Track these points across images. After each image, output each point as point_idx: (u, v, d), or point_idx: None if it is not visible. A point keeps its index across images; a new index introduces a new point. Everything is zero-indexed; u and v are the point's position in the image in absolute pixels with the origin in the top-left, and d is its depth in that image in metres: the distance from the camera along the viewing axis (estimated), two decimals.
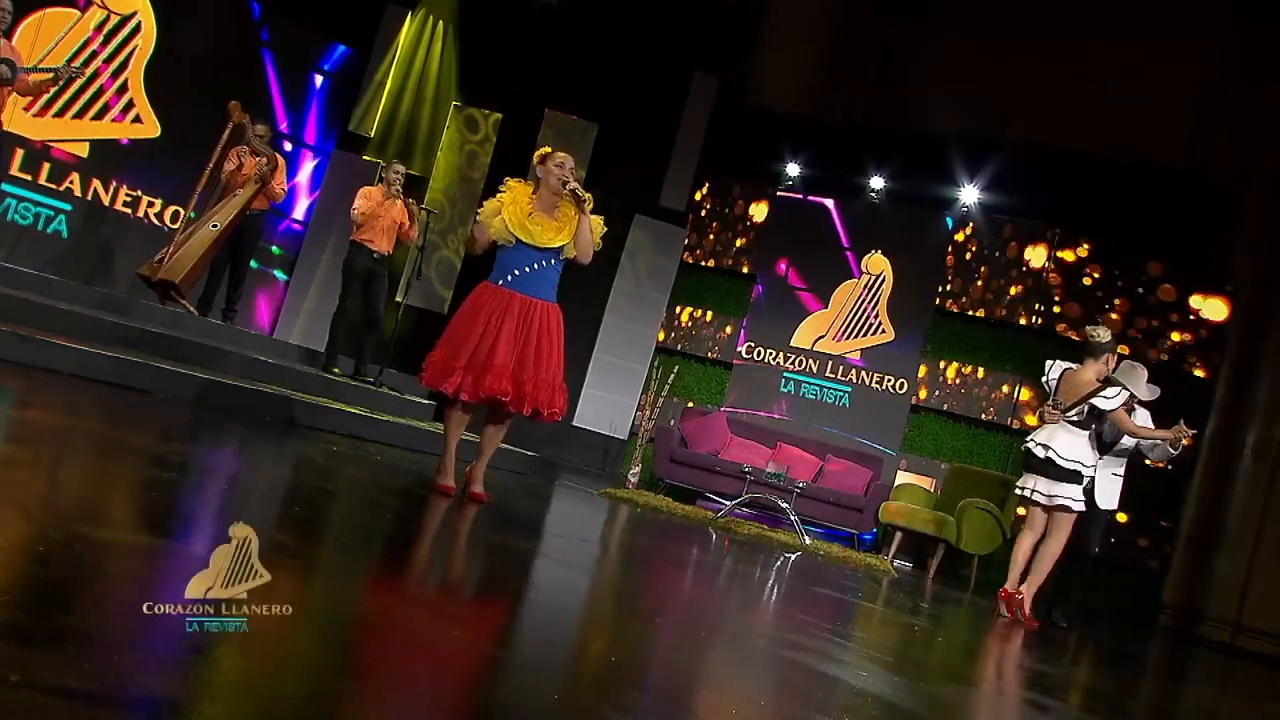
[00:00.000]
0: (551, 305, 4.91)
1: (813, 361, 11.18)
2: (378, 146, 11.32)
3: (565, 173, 4.88)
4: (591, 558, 4.93)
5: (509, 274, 4.84)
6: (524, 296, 4.82)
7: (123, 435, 4.24)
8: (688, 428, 10.74)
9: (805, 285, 11.43)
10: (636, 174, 11.53)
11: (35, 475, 2.91)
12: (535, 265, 4.84)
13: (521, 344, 4.78)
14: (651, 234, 11.62)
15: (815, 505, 9.69)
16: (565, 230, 4.87)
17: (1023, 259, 10.51)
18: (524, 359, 4.77)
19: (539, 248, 4.83)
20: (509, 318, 4.77)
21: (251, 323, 10.71)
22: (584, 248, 4.91)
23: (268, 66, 10.71)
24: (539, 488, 7.67)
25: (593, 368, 11.40)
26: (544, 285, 4.88)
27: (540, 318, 4.83)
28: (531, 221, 4.83)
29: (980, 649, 5.25)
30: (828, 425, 10.90)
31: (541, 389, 4.79)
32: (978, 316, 10.63)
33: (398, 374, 8.87)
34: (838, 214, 11.42)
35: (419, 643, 2.27)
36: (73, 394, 4.88)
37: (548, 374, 4.82)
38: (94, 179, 9.54)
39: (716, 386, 11.58)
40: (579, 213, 4.88)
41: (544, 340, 4.82)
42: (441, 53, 11.58)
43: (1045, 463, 6.29)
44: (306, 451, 5.45)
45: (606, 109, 11.46)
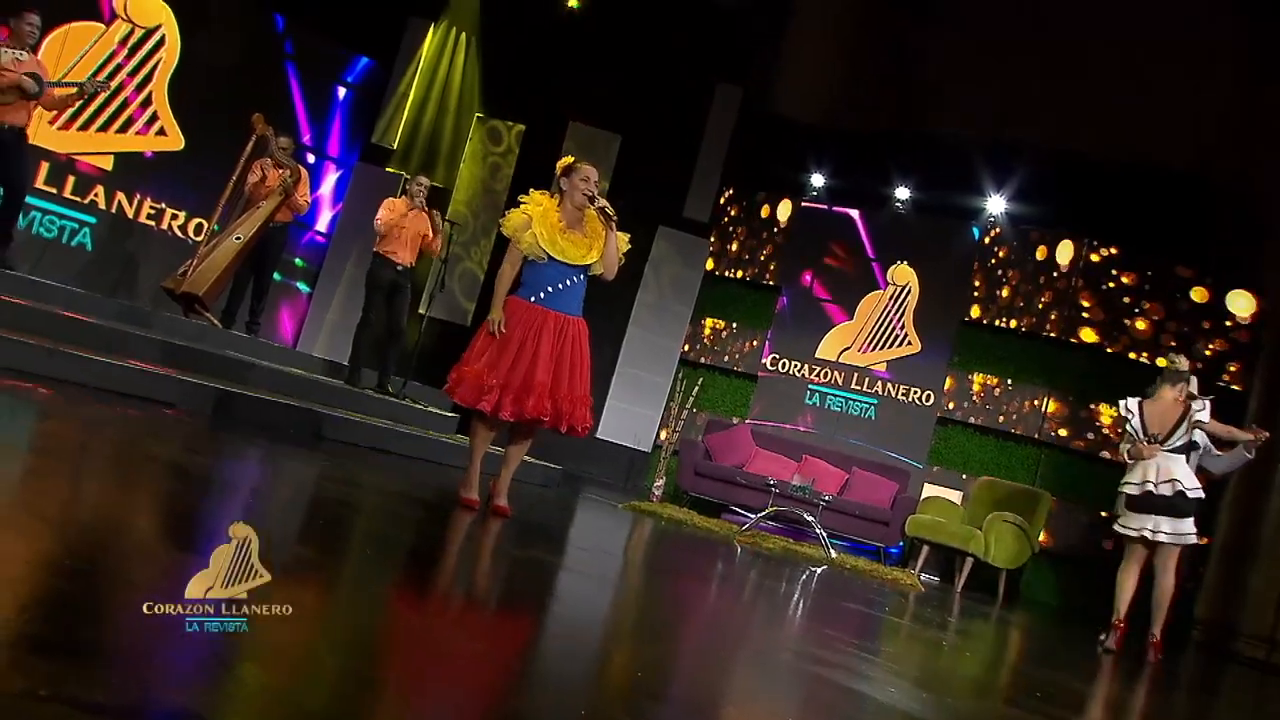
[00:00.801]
0: (581, 320, 4.94)
1: (838, 373, 11.14)
2: (401, 158, 11.36)
3: (590, 187, 4.88)
4: (615, 571, 4.93)
5: (541, 291, 4.84)
6: (557, 313, 4.84)
7: (146, 448, 4.27)
8: (712, 440, 10.71)
9: (830, 296, 11.39)
10: (660, 185, 11.51)
11: (60, 488, 2.93)
12: (566, 282, 4.86)
13: (557, 361, 4.80)
14: (675, 245, 11.61)
15: (841, 519, 9.63)
16: (595, 247, 4.89)
17: (1051, 268, 10.45)
18: (559, 377, 4.80)
19: (570, 264, 4.85)
20: (545, 336, 4.78)
21: (275, 335, 10.76)
22: (610, 264, 4.93)
23: (291, 79, 10.79)
24: (563, 501, 7.66)
25: (616, 380, 11.38)
26: (574, 301, 4.92)
27: (573, 334, 4.87)
28: (564, 238, 4.84)
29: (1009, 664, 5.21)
30: (853, 438, 10.84)
31: (578, 408, 4.84)
32: (1005, 327, 10.56)
33: (421, 386, 8.87)
34: (863, 224, 11.38)
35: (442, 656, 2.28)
36: (97, 407, 4.91)
37: (580, 391, 4.87)
38: (118, 192, 9.63)
39: (741, 399, 11.54)
40: (606, 229, 4.88)
41: (576, 356, 4.86)
42: (464, 64, 11.63)
43: (1173, 500, 6.14)
44: (330, 464, 5.46)
45: (629, 120, 11.47)
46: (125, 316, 7.18)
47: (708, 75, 11.46)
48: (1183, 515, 6.15)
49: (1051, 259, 10.48)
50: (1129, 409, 6.48)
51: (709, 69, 11.44)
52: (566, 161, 4.99)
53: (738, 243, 11.92)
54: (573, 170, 4.93)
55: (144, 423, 4.84)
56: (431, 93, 11.52)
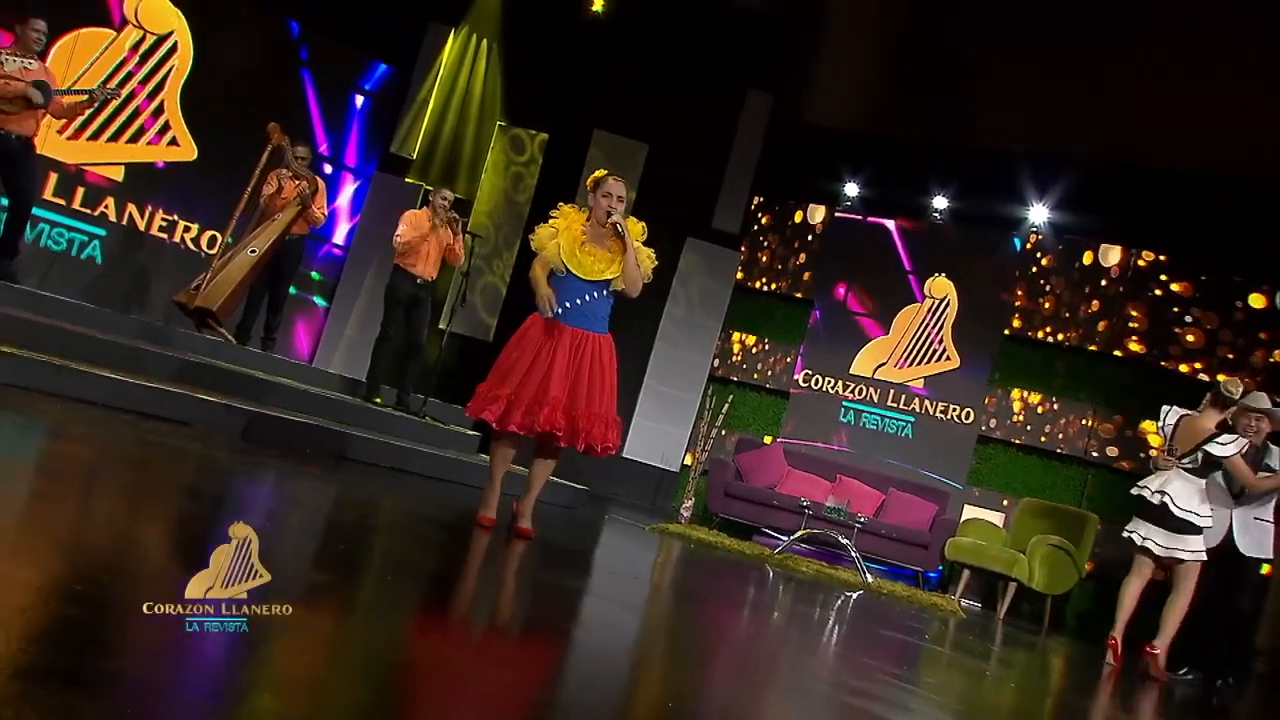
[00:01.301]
0: (604, 337, 4.97)
1: (874, 390, 11.10)
2: (420, 168, 11.40)
3: (613, 203, 4.93)
4: (643, 596, 4.90)
5: (560, 306, 4.90)
6: (575, 329, 4.89)
7: (159, 468, 4.28)
8: (743, 460, 10.69)
9: (865, 310, 11.36)
10: (688, 195, 11.52)
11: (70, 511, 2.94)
12: (586, 297, 4.91)
13: (574, 377, 4.84)
14: (704, 257, 11.61)
15: (878, 541, 9.58)
16: (617, 262, 4.93)
17: (1096, 278, 10.38)
18: (576, 393, 4.83)
19: (589, 280, 4.91)
20: (560, 351, 4.83)
21: (291, 351, 10.81)
22: (631, 281, 4.94)
23: (307, 86, 10.86)
24: (588, 522, 7.66)
25: (643, 397, 11.39)
26: (595, 317, 4.95)
27: (593, 350, 4.90)
28: (583, 252, 4.91)
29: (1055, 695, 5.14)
30: (890, 457, 10.80)
31: (595, 423, 4.84)
32: (1049, 340, 10.49)
33: (441, 404, 8.87)
34: (899, 235, 11.36)
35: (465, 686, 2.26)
36: (108, 426, 4.93)
37: (601, 408, 4.87)
38: (129, 203, 9.71)
39: (773, 416, 11.52)
40: (623, 246, 4.92)
41: (596, 373, 4.89)
42: (486, 71, 11.67)
43: (1161, 510, 6.22)
44: (347, 484, 5.47)
45: (657, 128, 11.49)
46: (136, 332, 7.22)
47: (737, 82, 11.47)
48: (1176, 530, 6.18)
49: (1097, 268, 10.41)
50: (1166, 419, 6.49)
51: (738, 75, 11.45)
52: (596, 175, 5.06)
53: (769, 254, 11.92)
54: (599, 184, 4.99)
55: (156, 442, 4.86)
56: (452, 100, 11.56)
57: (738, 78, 11.45)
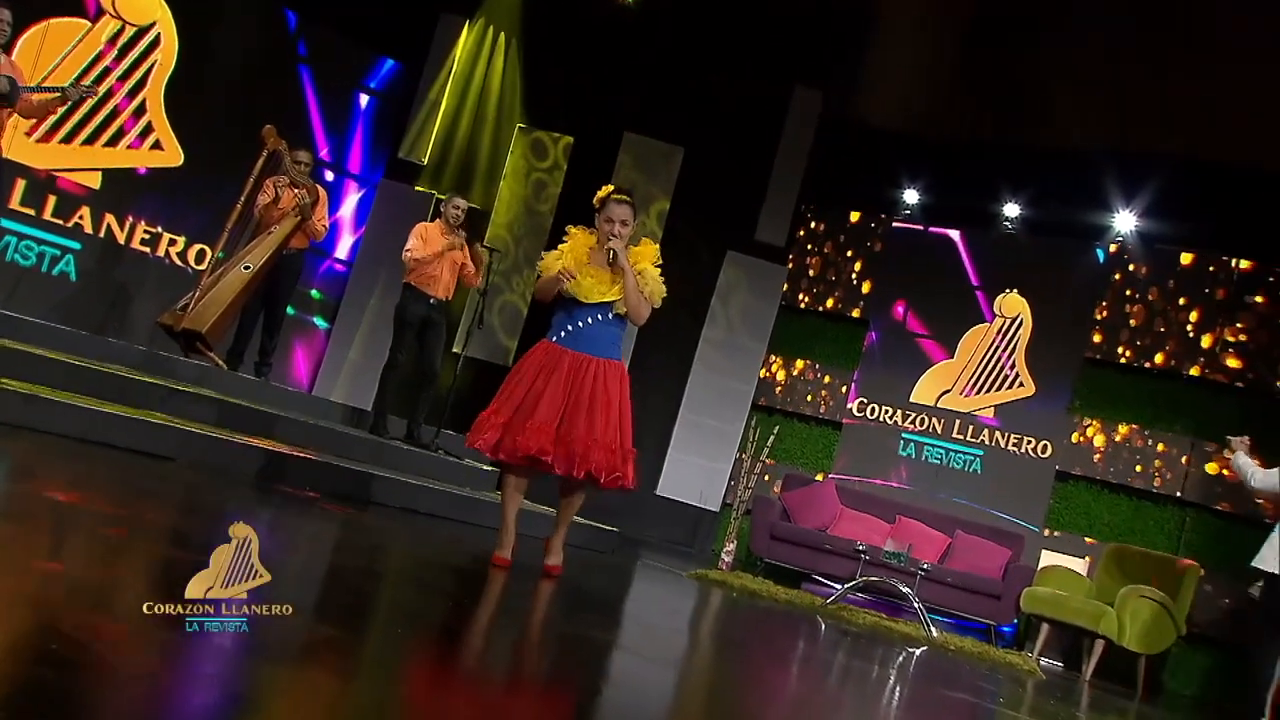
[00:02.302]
0: (611, 362, 5.18)
1: (937, 420, 11.06)
2: (432, 175, 11.47)
3: (615, 229, 5.14)
4: (681, 651, 4.88)
5: (561, 330, 5.17)
6: (576, 353, 5.12)
7: (141, 510, 4.28)
8: (790, 499, 10.65)
9: (927, 331, 11.34)
10: (728, 204, 11.57)
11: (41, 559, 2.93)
12: (589, 319, 5.16)
13: (570, 402, 5.05)
14: (746, 273, 11.61)
15: (943, 591, 9.51)
16: (618, 285, 5.15)
17: (1193, 293, 10.29)
18: (574, 418, 5.02)
19: (590, 303, 5.14)
20: (557, 375, 5.06)
21: (288, 378, 10.86)
22: (632, 308, 5.16)
23: (306, 85, 10.93)
24: (618, 568, 7.65)
25: (679, 429, 11.39)
26: (600, 341, 5.17)
27: (595, 375, 5.10)
28: (585, 273, 5.14)
29: None
30: (956, 495, 10.74)
31: (595, 451, 5.00)
32: (1137, 365, 10.41)
33: (456, 436, 8.89)
34: (965, 247, 11.33)
35: None
36: (83, 462, 4.92)
37: (604, 435, 5.04)
38: (107, 214, 9.73)
39: (823, 450, 11.50)
40: (618, 271, 5.13)
41: (599, 399, 5.07)
42: (504, 68, 11.73)
43: None
44: (353, 527, 5.47)
45: (693, 130, 11.53)
46: (115, 357, 7.26)
47: (783, 77, 11.49)
48: None
49: (1194, 282, 10.33)
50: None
51: (784, 71, 11.45)
52: (601, 194, 5.27)
53: (818, 269, 11.93)
54: (604, 205, 5.22)
55: (137, 480, 4.86)
56: (466, 100, 11.62)
57: (783, 73, 11.46)
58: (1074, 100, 10.46)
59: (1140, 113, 10.20)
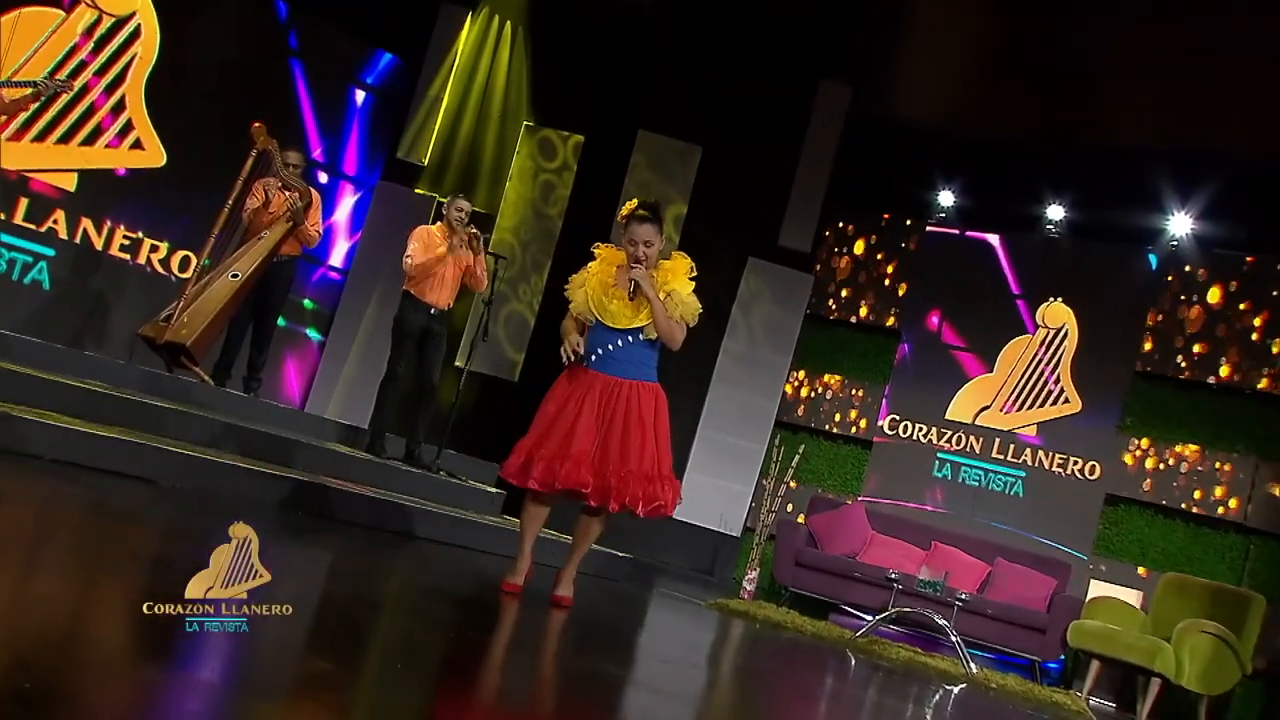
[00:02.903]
0: (645, 385, 5.25)
1: (975, 439, 11.04)
2: (433, 177, 11.49)
3: (639, 250, 5.19)
4: (699, 687, 4.88)
5: (593, 354, 5.23)
6: (609, 377, 5.20)
7: (119, 536, 4.27)
8: (817, 523, 10.63)
9: (964, 343, 11.33)
10: (750, 207, 11.58)
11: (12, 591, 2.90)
12: (619, 341, 5.23)
13: (605, 429, 5.13)
14: (769, 281, 11.62)
15: (983, 623, 9.46)
16: (647, 309, 5.20)
17: (1256, 301, 10.26)
18: (608, 446, 5.11)
19: (618, 328, 5.22)
20: (590, 400, 5.14)
21: (279, 394, 10.87)
22: (664, 333, 5.20)
23: (298, 80, 10.94)
24: (632, 597, 7.66)
25: (697, 448, 11.39)
26: (632, 363, 5.24)
27: (628, 399, 5.18)
28: (611, 297, 5.24)
29: None
30: (996, 520, 10.72)
31: (631, 481, 5.07)
32: (1194, 379, 10.38)
33: (458, 456, 8.89)
34: (1004, 252, 11.32)
35: None
36: (57, 485, 4.89)
37: (639, 463, 5.10)
38: (84, 218, 9.72)
39: (853, 471, 11.50)
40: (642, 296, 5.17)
41: (633, 424, 5.14)
42: (509, 61, 11.74)
43: None
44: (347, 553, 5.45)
45: (712, 128, 11.56)
46: (93, 371, 7.23)
47: (809, 71, 11.47)
48: None
49: (1256, 289, 10.29)
50: None
51: (810, 64, 11.43)
52: (624, 210, 5.33)
53: (847, 277, 11.94)
54: (627, 224, 5.27)
55: (116, 503, 4.86)
56: (470, 96, 11.65)
57: (809, 65, 11.44)
58: (1123, 93, 10.40)
59: (1196, 106, 10.14)
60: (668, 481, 5.15)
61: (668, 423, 5.25)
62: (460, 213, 8.42)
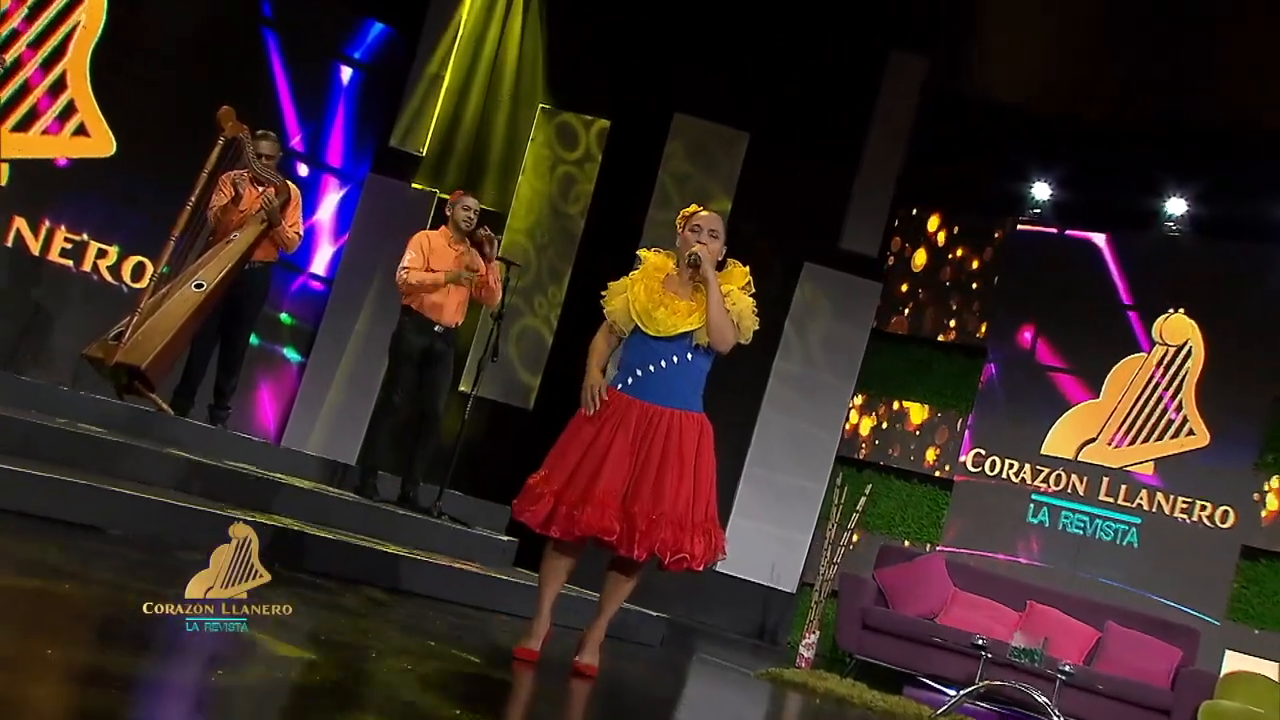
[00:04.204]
0: (690, 415, 5.24)
1: (1078, 478, 11.00)
2: (432, 169, 11.58)
3: (702, 237, 5.25)
4: None
5: (629, 375, 5.24)
6: (646, 404, 5.19)
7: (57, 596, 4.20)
8: (888, 577, 10.59)
9: (1064, 363, 11.33)
10: (806, 202, 11.61)
11: None
12: (661, 363, 5.22)
13: (640, 466, 5.12)
14: (828, 290, 11.65)
15: (1092, 702, 9.38)
16: (700, 311, 5.21)
17: None
18: (640, 485, 5.09)
19: (663, 338, 5.21)
20: (623, 432, 5.13)
21: (251, 425, 10.89)
22: (716, 328, 5.16)
23: (273, 55, 11.00)
24: (670, 665, 7.71)
25: (744, 489, 11.44)
26: (676, 388, 5.24)
27: (668, 431, 5.16)
28: (658, 303, 5.25)
29: None
30: (1106, 576, 10.67)
31: (663, 525, 5.03)
32: None
33: (464, 498, 8.94)
34: (1113, 255, 11.28)
35: None
36: None
37: (672, 505, 5.07)
38: (16, 216, 9.77)
39: (930, 515, 11.52)
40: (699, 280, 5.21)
41: (671, 461, 5.12)
42: (522, 32, 11.82)
43: None
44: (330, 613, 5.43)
45: (761, 111, 11.58)
46: (29, 399, 7.24)
47: (876, 43, 11.51)
48: None
49: None
50: None
51: (878, 34, 11.45)
52: (688, 211, 5.41)
53: (921, 286, 11.95)
54: (690, 219, 5.35)
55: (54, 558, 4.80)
56: (475, 74, 11.78)
57: (877, 36, 11.48)
58: (1258, 62, 10.32)
59: None
60: (700, 530, 5.10)
61: (712, 460, 5.24)
62: (468, 212, 8.47)
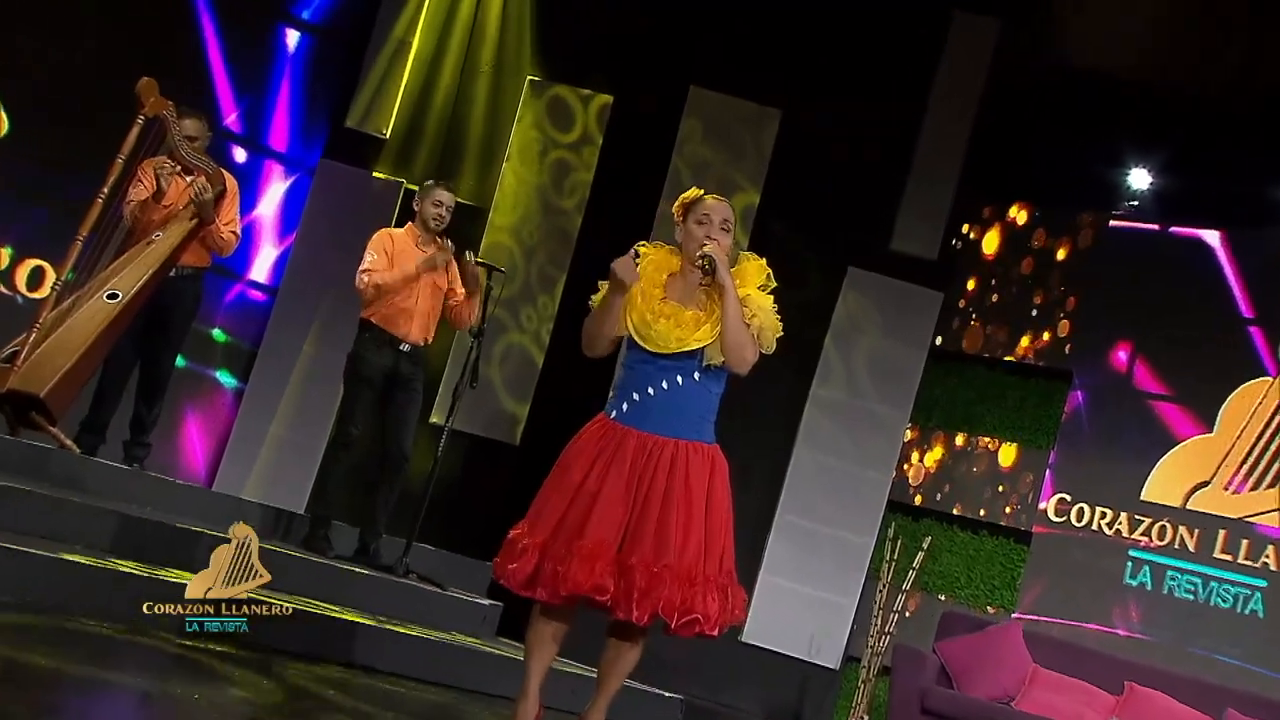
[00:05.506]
0: (698, 446, 5.15)
1: (1187, 531, 10.87)
2: (397, 155, 11.59)
3: (711, 230, 5.16)
4: None
5: (624, 401, 5.18)
6: (645, 435, 5.11)
7: None
8: (952, 650, 10.43)
9: (1168, 390, 11.22)
10: (849, 196, 11.51)
11: None
12: (664, 384, 5.13)
13: (639, 509, 5.03)
14: (878, 300, 11.58)
15: None
16: (711, 323, 5.13)
17: None
18: (639, 532, 5.00)
19: (665, 355, 5.12)
20: (616, 468, 5.06)
21: (176, 465, 10.87)
22: (733, 344, 5.07)
23: (203, 16, 11.01)
24: None
25: (775, 541, 11.35)
26: (682, 413, 5.17)
27: (672, 466, 5.07)
28: (658, 313, 5.16)
29: None
30: (1223, 651, 10.55)
31: (667, 583, 4.93)
32: None
33: (435, 552, 8.96)
34: (1229, 258, 11.17)
35: None
36: None
37: (679, 558, 4.97)
38: None
39: (1003, 575, 11.40)
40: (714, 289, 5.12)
41: (677, 501, 5.02)
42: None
43: None
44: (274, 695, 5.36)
45: (795, 82, 11.50)
46: None
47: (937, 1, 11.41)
48: None
49: None
50: None
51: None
52: (687, 196, 5.32)
53: (991, 296, 11.90)
54: (691, 209, 5.27)
55: None
56: (450, 39, 11.78)
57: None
58: None
59: None
60: (714, 585, 4.99)
61: (728, 501, 5.14)
62: (439, 208, 8.51)
